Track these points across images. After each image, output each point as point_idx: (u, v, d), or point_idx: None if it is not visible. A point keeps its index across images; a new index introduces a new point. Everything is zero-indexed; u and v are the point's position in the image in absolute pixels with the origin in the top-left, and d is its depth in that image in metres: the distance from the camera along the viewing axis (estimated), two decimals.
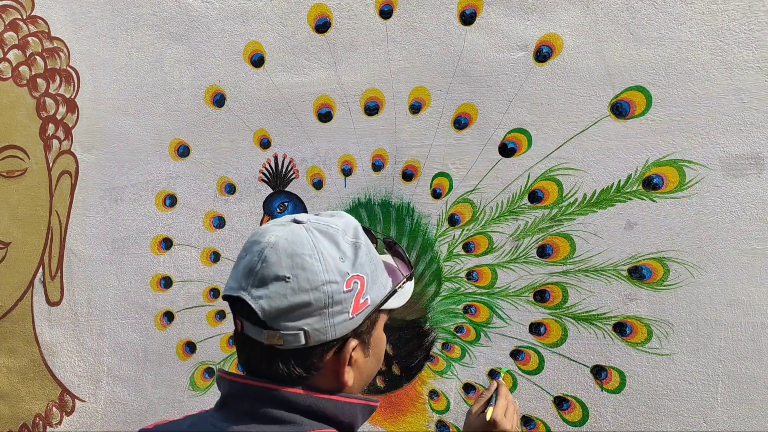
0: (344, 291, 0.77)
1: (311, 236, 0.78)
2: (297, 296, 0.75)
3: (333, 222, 0.81)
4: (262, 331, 0.77)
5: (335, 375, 0.80)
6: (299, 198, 1.74)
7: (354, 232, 0.81)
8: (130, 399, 1.92)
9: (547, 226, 1.51)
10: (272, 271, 0.76)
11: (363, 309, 0.79)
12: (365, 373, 0.85)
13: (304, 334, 0.76)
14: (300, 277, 0.75)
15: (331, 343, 0.78)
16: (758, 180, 1.36)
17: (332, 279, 0.76)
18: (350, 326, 0.79)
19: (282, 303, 0.75)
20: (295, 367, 0.77)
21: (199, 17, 1.84)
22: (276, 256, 0.76)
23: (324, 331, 0.76)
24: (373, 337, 0.84)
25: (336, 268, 0.77)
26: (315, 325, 0.76)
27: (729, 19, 1.38)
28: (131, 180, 1.93)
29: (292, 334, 0.75)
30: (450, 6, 1.59)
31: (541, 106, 1.51)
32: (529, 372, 1.53)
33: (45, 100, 2.02)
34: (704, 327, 1.39)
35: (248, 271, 0.78)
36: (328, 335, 0.77)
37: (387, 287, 0.85)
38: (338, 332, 0.77)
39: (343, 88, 1.69)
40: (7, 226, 2.07)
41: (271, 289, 0.75)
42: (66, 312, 2.00)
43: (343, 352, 0.79)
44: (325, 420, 0.78)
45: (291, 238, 0.77)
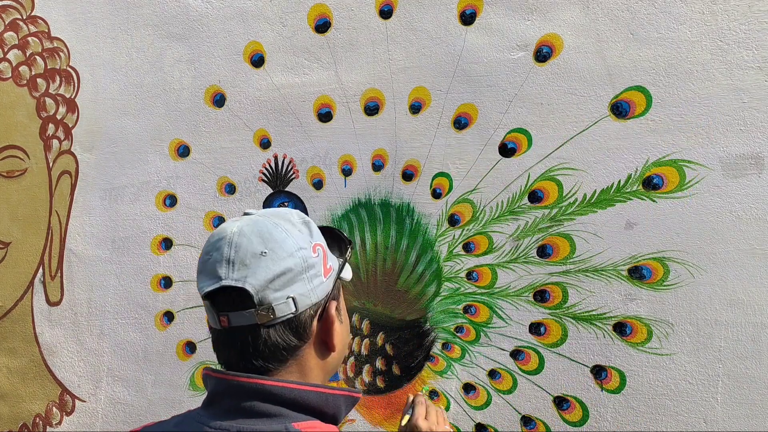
0: (313, 256, 0.83)
1: (267, 219, 0.84)
2: (278, 264, 0.80)
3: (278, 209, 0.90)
4: (252, 312, 0.80)
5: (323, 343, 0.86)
6: (299, 198, 1.74)
7: (299, 214, 0.89)
8: (130, 399, 1.92)
9: (547, 226, 1.51)
10: (248, 251, 0.81)
11: (330, 273, 0.87)
12: (344, 338, 0.91)
13: (293, 301, 0.81)
14: (275, 248, 0.81)
15: (315, 306, 0.84)
16: (758, 180, 1.36)
17: (302, 245, 0.83)
18: (326, 288, 0.85)
19: (267, 274, 0.80)
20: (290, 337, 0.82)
21: (199, 17, 1.84)
22: (246, 239, 0.81)
23: (308, 295, 0.82)
24: (340, 303, 0.91)
25: (301, 238, 0.84)
26: (299, 290, 0.81)
27: (729, 19, 1.38)
28: (131, 180, 1.93)
29: (282, 303, 0.80)
30: (450, 6, 1.59)
31: (541, 106, 1.51)
32: (529, 372, 1.53)
33: (45, 100, 2.02)
34: (704, 327, 1.39)
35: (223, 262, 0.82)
36: (312, 298, 0.83)
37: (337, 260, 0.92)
38: (319, 294, 0.84)
39: (343, 88, 1.69)
40: (7, 226, 2.07)
41: (253, 266, 0.80)
42: (66, 312, 2.00)
43: (327, 315, 0.85)
44: (309, 411, 0.81)
45: (251, 223, 0.84)
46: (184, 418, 0.86)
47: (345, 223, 1.70)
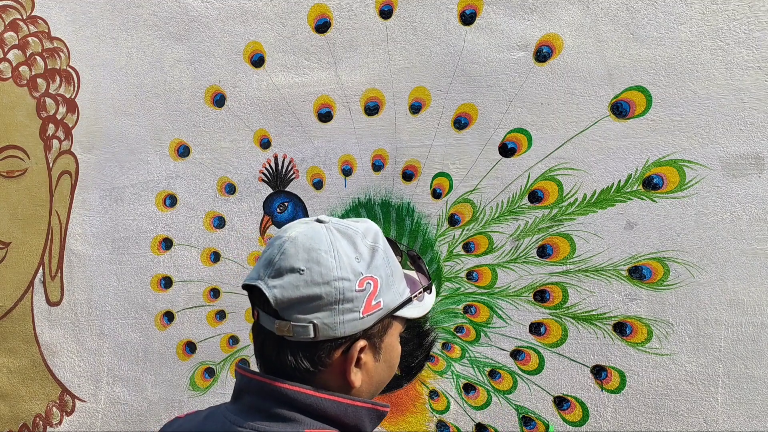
0: (356, 290, 0.79)
1: (330, 234, 0.81)
2: (309, 288, 0.77)
3: (354, 225, 0.84)
4: (274, 321, 0.79)
5: (342, 374, 0.81)
6: (299, 198, 1.74)
7: (374, 236, 0.84)
8: (130, 399, 1.92)
9: (547, 226, 1.51)
10: (289, 262, 0.79)
11: (374, 311, 0.81)
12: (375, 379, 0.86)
13: (313, 327, 0.78)
14: (314, 270, 0.78)
15: (339, 340, 0.79)
16: (758, 180, 1.36)
17: (345, 276, 0.78)
18: (360, 326, 0.80)
19: (294, 293, 0.78)
20: (302, 360, 0.79)
21: (199, 17, 1.84)
22: (294, 249, 0.79)
23: (333, 327, 0.78)
24: (384, 342, 0.85)
25: (350, 266, 0.79)
26: (325, 319, 0.78)
27: (729, 19, 1.38)
28: (131, 180, 1.93)
29: (301, 326, 0.78)
30: (450, 6, 1.59)
31: (541, 106, 1.51)
32: (529, 372, 1.53)
33: (45, 100, 2.02)
34: (704, 327, 1.39)
35: (267, 262, 0.81)
36: (337, 331, 0.79)
37: (404, 295, 0.86)
38: (347, 330, 0.79)
39: (343, 88, 1.69)
40: (7, 226, 2.07)
41: (286, 279, 0.78)
42: (66, 312, 2.00)
43: (350, 352, 0.81)
44: (325, 420, 0.79)
45: (310, 234, 0.81)
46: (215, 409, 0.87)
47: None
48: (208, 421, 0.86)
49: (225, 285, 1.82)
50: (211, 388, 1.82)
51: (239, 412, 0.82)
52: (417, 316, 0.88)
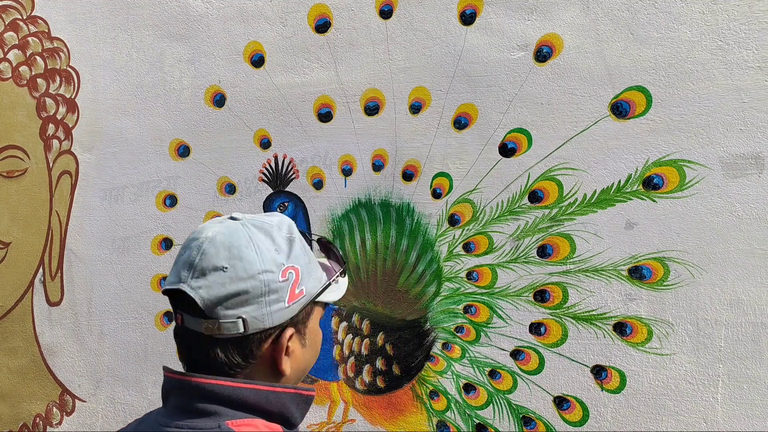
0: (280, 280, 0.81)
1: (247, 230, 0.82)
2: (235, 285, 0.79)
3: (267, 218, 0.86)
4: (201, 322, 0.80)
5: (273, 364, 0.83)
6: (299, 198, 1.74)
7: (288, 228, 0.86)
8: (130, 399, 1.92)
9: (547, 226, 1.51)
10: (210, 262, 0.80)
11: (299, 299, 0.83)
12: (302, 364, 0.88)
13: (242, 322, 0.79)
14: (237, 266, 0.79)
15: (268, 331, 0.81)
16: (758, 180, 1.36)
17: (268, 268, 0.80)
18: (287, 315, 0.82)
19: (220, 291, 0.78)
20: (233, 356, 0.81)
21: (199, 17, 1.84)
22: (214, 249, 0.80)
23: (261, 319, 0.80)
24: (308, 328, 0.88)
25: (271, 259, 0.81)
26: (253, 312, 0.79)
27: (729, 19, 1.38)
28: (131, 180, 1.93)
29: (230, 322, 0.79)
30: (450, 6, 1.59)
31: (541, 106, 1.51)
32: (529, 372, 1.53)
33: (45, 100, 2.02)
34: (704, 327, 1.39)
35: (188, 264, 0.81)
36: (266, 323, 0.80)
37: (322, 281, 0.89)
38: (275, 320, 0.81)
39: (343, 88, 1.69)
40: (7, 226, 2.07)
41: (210, 279, 0.79)
42: (66, 312, 2.00)
43: (280, 341, 0.83)
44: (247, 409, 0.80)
45: (227, 232, 0.82)
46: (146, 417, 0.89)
47: (345, 223, 1.70)
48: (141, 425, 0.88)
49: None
50: None
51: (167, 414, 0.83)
52: (335, 300, 0.92)
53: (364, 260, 1.68)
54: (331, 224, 1.71)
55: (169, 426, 0.80)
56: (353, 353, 1.69)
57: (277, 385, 0.83)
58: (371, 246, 1.67)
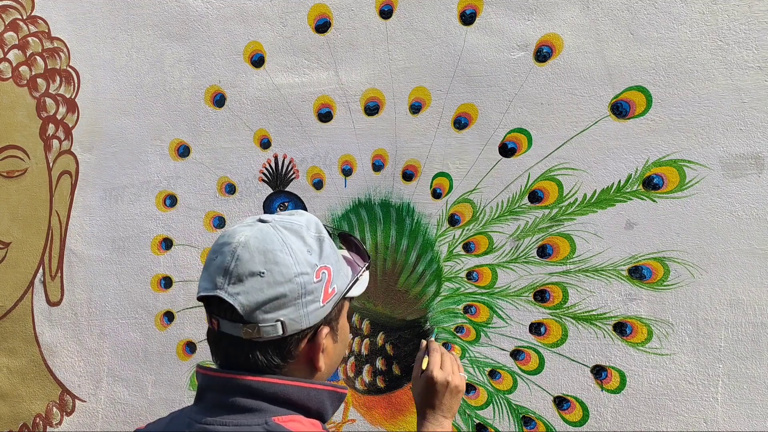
0: (315, 281, 0.82)
1: (278, 233, 0.83)
2: (273, 289, 0.80)
3: (295, 219, 0.87)
4: (240, 327, 0.81)
5: (309, 362, 0.85)
6: (299, 198, 1.74)
7: (316, 227, 0.87)
8: (130, 399, 1.92)
9: (547, 226, 1.51)
10: (247, 268, 0.81)
11: (332, 297, 0.85)
12: (335, 358, 0.91)
13: (281, 325, 0.80)
14: (274, 271, 0.80)
15: (305, 331, 0.83)
16: (758, 180, 1.36)
17: (303, 271, 0.82)
18: (322, 314, 0.84)
19: (259, 297, 0.80)
20: (273, 357, 0.82)
21: (199, 17, 1.84)
22: (249, 254, 0.81)
23: (299, 320, 0.81)
24: (340, 323, 0.90)
25: (305, 261, 0.82)
26: (291, 315, 0.81)
27: (729, 19, 1.38)
28: (131, 180, 1.93)
29: (270, 326, 0.80)
30: (450, 6, 1.59)
31: (541, 106, 1.51)
32: (529, 372, 1.53)
33: (45, 100, 2.02)
34: (704, 327, 1.39)
35: (222, 270, 0.82)
36: (303, 324, 0.82)
37: (349, 276, 0.91)
38: (312, 320, 0.83)
39: (343, 88, 1.69)
40: (7, 226, 2.07)
41: (248, 284, 0.80)
42: (66, 312, 2.00)
43: (316, 339, 0.85)
44: (290, 406, 0.82)
45: (260, 236, 0.83)
46: (179, 413, 0.89)
47: (345, 223, 1.70)
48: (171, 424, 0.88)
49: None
50: None
51: (203, 411, 0.83)
52: (360, 293, 0.94)
53: None
54: (331, 224, 1.71)
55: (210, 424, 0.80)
56: (353, 353, 1.69)
57: (317, 382, 0.85)
58: (371, 246, 1.67)
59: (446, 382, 1.12)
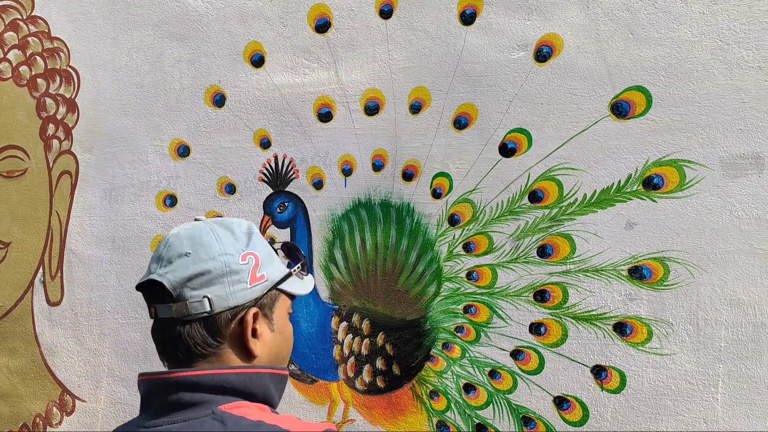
0: (240, 263, 0.88)
1: (208, 226, 0.91)
2: (197, 265, 0.86)
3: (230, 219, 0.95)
4: (171, 306, 0.85)
5: (242, 345, 0.88)
6: (299, 198, 1.74)
7: (248, 226, 0.94)
8: (130, 399, 1.92)
9: (547, 226, 1.51)
10: (175, 251, 0.87)
11: (260, 281, 0.89)
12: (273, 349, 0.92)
13: (208, 301, 0.85)
14: (199, 250, 0.87)
15: (233, 309, 0.87)
16: (758, 180, 1.36)
17: (228, 252, 0.88)
18: (249, 295, 0.88)
19: (185, 273, 0.85)
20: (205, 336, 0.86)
21: (199, 17, 1.84)
22: (178, 241, 0.89)
23: (225, 298, 0.86)
24: (275, 314, 0.93)
25: (231, 245, 0.89)
26: (217, 291, 0.85)
27: (729, 18, 1.38)
28: (131, 180, 1.93)
29: (197, 301, 0.85)
30: (450, 6, 1.59)
31: (541, 106, 1.51)
32: (529, 372, 1.53)
33: (45, 100, 2.02)
34: (704, 327, 1.39)
35: (156, 258, 0.89)
36: (230, 301, 0.86)
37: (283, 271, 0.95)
38: (239, 299, 0.87)
39: (343, 88, 1.69)
40: (7, 226, 2.07)
41: (175, 264, 0.86)
42: (66, 312, 2.00)
43: (245, 320, 0.88)
44: (234, 393, 0.84)
45: (191, 227, 0.91)
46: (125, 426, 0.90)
47: (345, 223, 1.70)
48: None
49: None
50: None
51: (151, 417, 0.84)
52: (301, 293, 0.97)
53: (364, 260, 1.68)
54: (331, 224, 1.71)
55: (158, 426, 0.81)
56: (353, 353, 1.69)
57: (256, 366, 0.88)
58: (371, 246, 1.67)
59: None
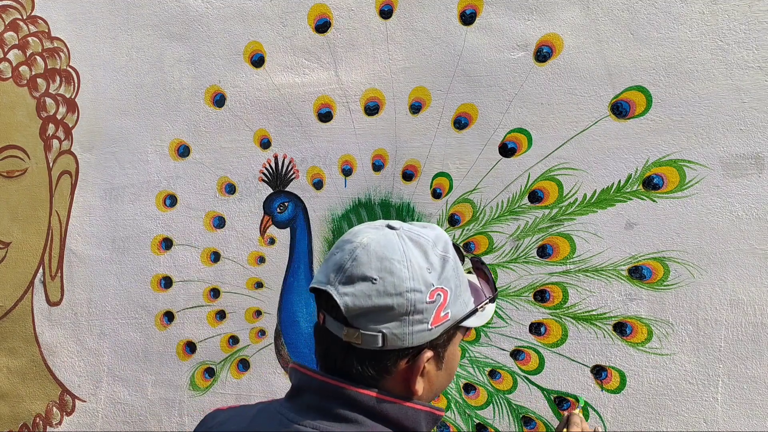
0: (427, 301, 0.78)
1: (402, 243, 0.80)
2: (381, 299, 0.77)
3: (425, 233, 0.83)
4: (342, 327, 0.79)
5: (406, 382, 0.82)
6: (299, 198, 1.74)
7: (444, 245, 0.83)
8: (130, 399, 1.92)
9: (547, 226, 1.51)
10: (361, 270, 0.78)
11: (443, 322, 0.80)
12: (435, 386, 0.86)
13: (381, 337, 0.77)
14: (386, 280, 0.77)
15: (406, 350, 0.79)
16: (758, 180, 1.36)
17: (417, 288, 0.78)
18: (428, 337, 0.80)
19: (366, 303, 0.77)
20: (368, 368, 0.80)
21: (199, 17, 1.84)
22: (366, 257, 0.79)
23: (402, 338, 0.78)
24: (447, 351, 0.85)
25: (422, 278, 0.78)
26: (394, 330, 0.78)
27: (729, 19, 1.38)
28: (131, 180, 1.93)
29: (370, 335, 0.77)
30: (450, 6, 1.59)
31: (541, 106, 1.51)
32: (529, 372, 1.53)
33: (45, 100, 2.02)
34: (704, 327, 1.39)
35: (338, 267, 0.80)
36: (405, 342, 0.78)
37: (469, 305, 0.86)
38: (415, 341, 0.79)
39: (343, 88, 1.69)
40: (7, 226, 2.07)
41: (357, 288, 0.78)
42: (66, 312, 2.00)
43: (417, 362, 0.81)
44: (386, 422, 0.80)
45: (383, 241, 0.80)
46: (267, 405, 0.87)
47: (345, 223, 1.70)
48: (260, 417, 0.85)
49: (225, 285, 1.82)
50: (211, 388, 1.82)
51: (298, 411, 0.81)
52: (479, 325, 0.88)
53: None
54: (331, 224, 1.71)
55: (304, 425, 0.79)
56: None
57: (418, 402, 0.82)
58: None
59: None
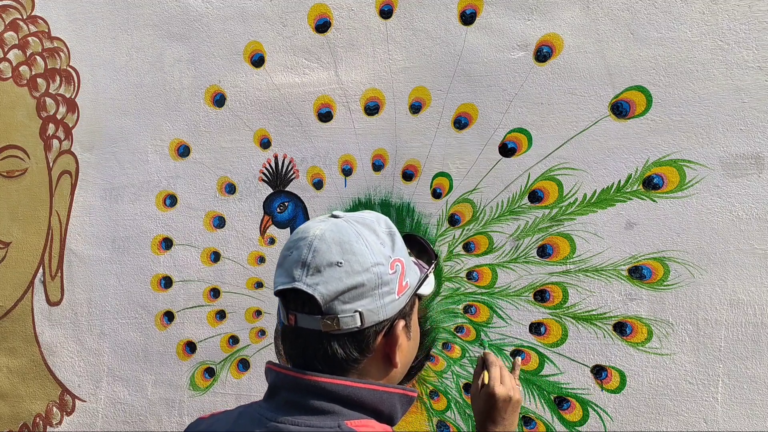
0: (390, 273, 0.83)
1: (352, 226, 0.84)
2: (351, 278, 0.80)
3: (367, 215, 0.88)
4: (318, 319, 0.80)
5: (386, 357, 0.85)
6: (299, 198, 1.74)
7: (386, 222, 0.88)
8: (130, 399, 1.92)
9: (547, 226, 1.51)
10: (324, 258, 0.80)
11: (405, 290, 0.86)
12: (407, 357, 0.90)
13: (359, 316, 0.80)
14: (351, 260, 0.80)
15: (382, 323, 0.83)
16: (758, 180, 1.36)
17: (379, 261, 0.82)
18: (397, 306, 0.84)
19: (338, 286, 0.79)
20: (351, 350, 0.82)
21: (199, 17, 1.84)
22: (325, 245, 0.81)
23: (376, 311, 0.81)
24: (412, 321, 0.90)
25: (380, 252, 0.83)
26: (368, 305, 0.81)
27: (729, 18, 1.38)
28: (131, 180, 1.93)
29: (348, 316, 0.80)
30: (450, 6, 1.59)
31: (541, 106, 1.51)
32: (529, 372, 1.53)
33: (45, 100, 2.02)
34: (704, 327, 1.39)
35: (300, 263, 0.82)
36: (380, 315, 0.82)
37: (418, 273, 0.91)
38: (388, 312, 0.83)
39: (343, 88, 1.69)
40: (7, 226, 2.07)
41: (326, 275, 0.80)
42: (66, 312, 2.00)
43: (393, 333, 0.85)
44: (363, 409, 0.81)
45: (335, 229, 0.83)
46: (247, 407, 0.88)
47: None
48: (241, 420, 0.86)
49: (225, 285, 1.82)
50: (211, 388, 1.82)
51: (275, 409, 0.82)
52: (429, 293, 0.94)
53: None
54: None
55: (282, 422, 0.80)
56: None
57: (389, 385, 0.85)
58: None
59: (508, 397, 1.09)
